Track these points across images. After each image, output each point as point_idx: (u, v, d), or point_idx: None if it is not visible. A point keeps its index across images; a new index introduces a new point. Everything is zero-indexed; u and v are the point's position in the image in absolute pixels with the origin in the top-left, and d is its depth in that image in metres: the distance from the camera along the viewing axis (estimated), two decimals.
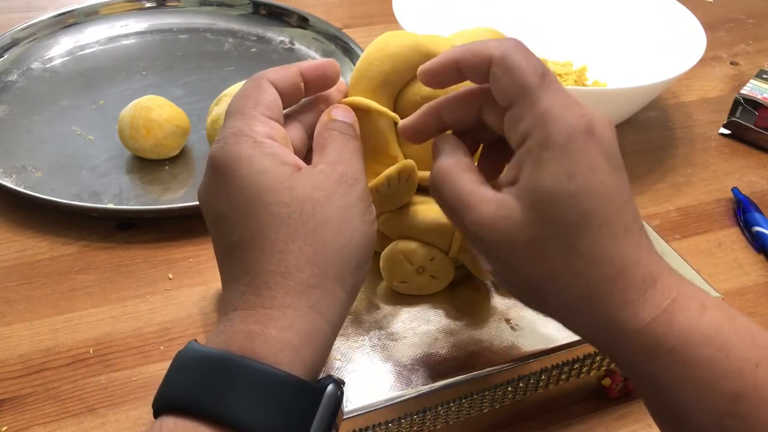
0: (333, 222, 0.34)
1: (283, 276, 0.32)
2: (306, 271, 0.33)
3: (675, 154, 0.75)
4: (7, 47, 0.79)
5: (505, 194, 0.34)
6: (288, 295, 0.32)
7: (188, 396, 0.30)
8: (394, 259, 0.46)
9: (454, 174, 0.36)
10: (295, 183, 0.34)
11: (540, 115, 0.33)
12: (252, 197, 0.33)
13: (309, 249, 0.33)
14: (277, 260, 0.33)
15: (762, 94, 0.75)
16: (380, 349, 0.44)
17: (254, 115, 0.35)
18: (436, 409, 0.43)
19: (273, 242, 0.33)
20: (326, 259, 0.33)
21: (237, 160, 0.34)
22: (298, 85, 0.38)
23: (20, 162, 0.66)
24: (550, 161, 0.32)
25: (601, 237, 0.32)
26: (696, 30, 0.74)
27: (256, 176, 0.34)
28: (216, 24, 0.89)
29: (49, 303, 0.55)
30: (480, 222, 0.34)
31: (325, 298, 0.33)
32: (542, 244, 0.33)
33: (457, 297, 0.47)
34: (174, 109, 0.66)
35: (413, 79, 0.43)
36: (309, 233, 0.33)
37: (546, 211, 0.32)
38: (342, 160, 0.36)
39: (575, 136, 0.32)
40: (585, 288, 0.33)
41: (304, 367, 0.32)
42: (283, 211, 0.33)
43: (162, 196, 0.64)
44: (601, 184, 0.32)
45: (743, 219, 0.66)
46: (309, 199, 0.33)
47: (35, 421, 0.47)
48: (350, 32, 0.86)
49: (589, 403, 0.50)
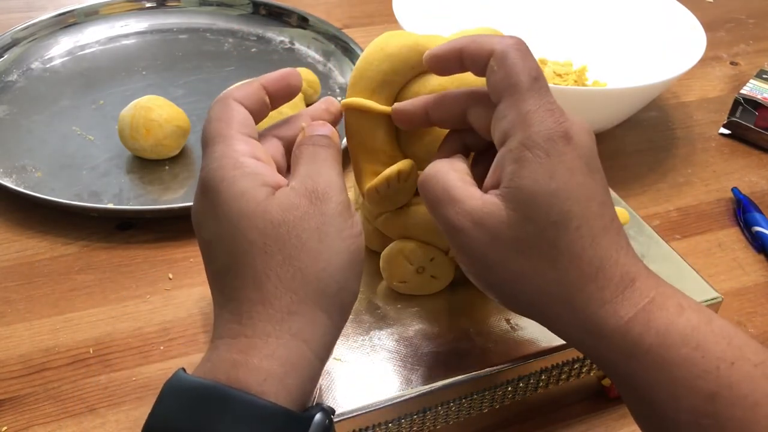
0: (308, 244, 0.33)
1: (263, 304, 0.32)
2: (284, 299, 0.32)
3: (675, 154, 0.75)
4: (7, 47, 0.79)
5: (491, 194, 0.35)
6: (269, 323, 0.32)
7: (174, 426, 0.30)
8: (394, 259, 0.46)
9: (444, 171, 0.36)
10: (269, 206, 0.33)
11: (523, 115, 0.34)
12: (231, 225, 0.33)
13: (286, 275, 0.33)
14: (255, 288, 0.33)
15: (762, 94, 0.75)
16: (380, 349, 0.44)
17: (232, 135, 0.35)
18: (436, 409, 0.43)
19: (251, 271, 0.33)
20: (304, 284, 0.33)
21: (220, 182, 0.34)
22: (263, 99, 0.38)
23: (20, 162, 0.66)
24: (530, 161, 0.33)
25: (580, 237, 0.33)
26: (696, 30, 0.74)
27: (234, 201, 0.33)
28: (216, 24, 0.89)
29: (49, 303, 0.55)
30: (465, 215, 0.34)
31: (308, 324, 0.33)
32: (524, 242, 0.33)
33: (457, 297, 0.47)
34: (174, 109, 0.66)
35: (413, 79, 0.43)
36: (285, 259, 0.33)
37: (528, 210, 0.33)
38: (310, 173, 0.35)
39: (555, 139, 0.33)
40: (565, 286, 0.33)
41: (290, 397, 0.32)
42: (259, 238, 0.33)
43: (162, 196, 0.64)
44: (580, 185, 0.33)
45: (743, 219, 0.66)
46: (283, 222, 0.33)
47: (35, 421, 0.47)
48: (350, 32, 0.86)
49: (589, 403, 0.50)
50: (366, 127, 0.44)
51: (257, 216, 0.33)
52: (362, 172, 0.44)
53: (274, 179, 0.35)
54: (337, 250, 0.34)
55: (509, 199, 0.34)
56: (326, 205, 0.34)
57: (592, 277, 0.33)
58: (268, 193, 0.34)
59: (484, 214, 0.34)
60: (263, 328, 0.32)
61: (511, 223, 0.33)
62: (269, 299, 0.32)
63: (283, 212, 0.33)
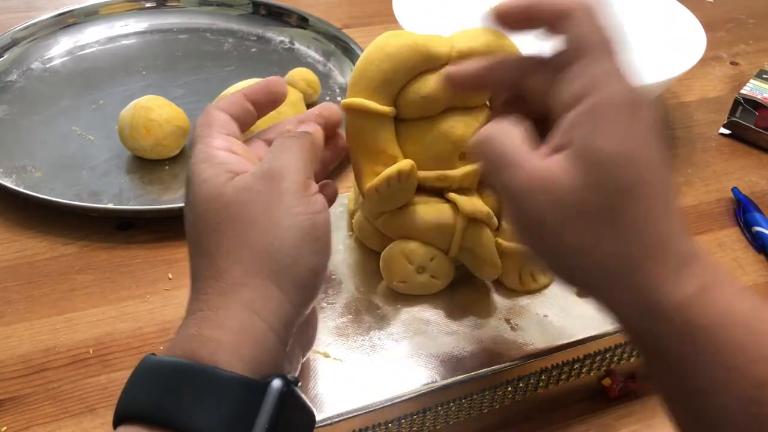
0: (258, 220, 0.34)
1: (215, 279, 0.33)
2: (235, 271, 0.33)
3: (675, 154, 0.75)
4: (7, 47, 0.79)
5: (555, 158, 0.33)
6: (220, 296, 0.33)
7: (137, 405, 0.31)
8: (394, 259, 0.46)
9: (503, 133, 0.35)
10: (226, 189, 0.35)
11: (601, 76, 0.32)
12: (194, 211, 0.35)
13: (236, 250, 0.34)
14: (209, 265, 0.34)
15: (762, 94, 0.75)
16: (380, 349, 0.44)
17: (210, 134, 0.37)
18: (436, 409, 0.43)
19: (207, 250, 0.34)
20: (253, 258, 0.33)
21: (191, 174, 0.36)
22: (246, 107, 0.39)
23: (20, 162, 0.66)
24: (608, 122, 0.32)
25: (648, 208, 0.32)
26: (696, 30, 0.74)
27: (198, 187, 0.35)
28: (216, 24, 0.89)
29: (49, 303, 0.55)
30: (526, 179, 0.33)
31: (259, 296, 0.33)
32: (588, 209, 0.32)
33: (457, 297, 0.47)
34: (174, 109, 0.66)
35: (413, 79, 0.43)
36: (236, 236, 0.34)
37: (599, 174, 0.32)
38: (269, 159, 0.36)
39: (633, 102, 0.32)
40: (624, 260, 0.32)
41: (244, 365, 0.32)
42: (213, 219, 0.34)
43: (162, 196, 0.64)
44: (654, 153, 0.32)
45: (743, 219, 0.66)
46: (235, 202, 0.34)
47: (35, 421, 0.47)
48: (350, 32, 0.86)
49: (589, 403, 0.50)
50: (366, 127, 0.43)
51: (214, 198, 0.35)
52: (362, 172, 0.44)
53: (240, 167, 0.36)
54: (286, 225, 0.34)
55: (581, 160, 0.32)
56: (279, 184, 0.35)
57: (653, 253, 0.32)
58: (228, 178, 0.35)
59: (547, 178, 0.32)
60: (215, 301, 0.33)
61: (578, 188, 0.32)
62: (221, 273, 0.33)
63: (237, 193, 0.34)
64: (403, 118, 0.45)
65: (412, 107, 0.44)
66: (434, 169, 0.45)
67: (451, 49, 0.44)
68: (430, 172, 0.45)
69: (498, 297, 0.48)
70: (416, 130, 0.45)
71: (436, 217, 0.45)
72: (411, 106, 0.44)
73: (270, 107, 0.40)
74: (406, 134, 0.45)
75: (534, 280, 0.48)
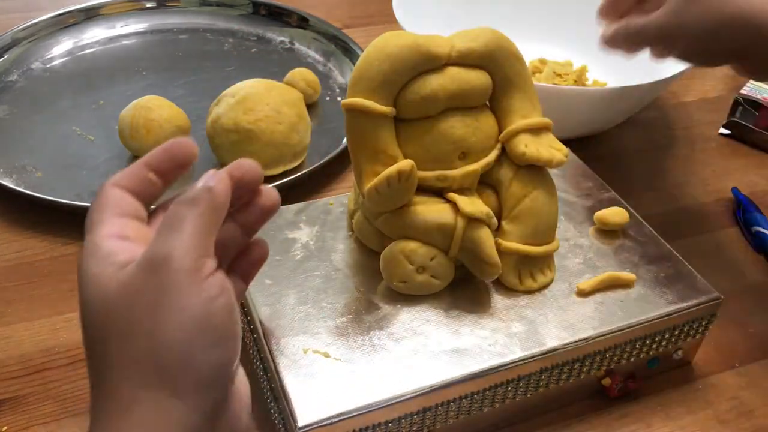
0: (144, 323, 0.30)
1: (105, 399, 0.31)
2: (123, 390, 0.30)
3: (675, 154, 0.75)
4: (7, 47, 0.79)
5: None
6: (111, 420, 0.30)
7: None
8: (394, 259, 0.46)
9: None
10: (109, 287, 0.31)
11: None
12: (83, 317, 0.32)
13: (123, 361, 0.30)
14: (100, 382, 0.31)
15: (762, 95, 0.75)
16: (380, 349, 0.44)
17: (102, 219, 0.33)
18: (436, 409, 0.43)
19: (96, 361, 0.31)
20: (141, 370, 0.30)
21: (78, 270, 0.32)
22: (147, 178, 0.35)
23: (20, 162, 0.66)
24: None
25: None
26: None
27: (86, 287, 0.32)
28: (216, 24, 0.89)
29: (49, 303, 0.55)
30: None
31: (152, 415, 0.30)
32: None
33: (457, 297, 0.47)
34: (174, 109, 0.66)
35: (413, 79, 0.43)
36: (121, 347, 0.30)
37: None
38: (154, 241, 0.32)
39: None
40: None
41: None
42: (99, 324, 0.31)
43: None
44: None
45: (743, 219, 0.66)
46: (118, 303, 0.31)
47: (35, 421, 0.47)
48: (350, 32, 0.86)
49: (589, 403, 0.50)
50: (366, 127, 0.44)
51: (98, 300, 0.31)
52: (362, 172, 0.44)
53: (130, 255, 0.32)
54: (175, 321, 0.30)
55: None
56: (164, 275, 0.30)
57: None
58: (114, 270, 0.31)
59: None
60: (107, 426, 0.30)
61: None
62: (111, 392, 0.30)
63: (119, 290, 0.31)
64: (403, 118, 0.45)
65: (412, 107, 0.44)
66: (434, 169, 0.45)
67: (451, 49, 0.44)
68: (430, 172, 0.45)
69: (498, 297, 0.48)
70: (416, 130, 0.45)
71: (436, 217, 0.45)
72: (411, 106, 0.44)
73: (177, 172, 0.36)
74: (406, 134, 0.45)
75: (534, 280, 0.48)
